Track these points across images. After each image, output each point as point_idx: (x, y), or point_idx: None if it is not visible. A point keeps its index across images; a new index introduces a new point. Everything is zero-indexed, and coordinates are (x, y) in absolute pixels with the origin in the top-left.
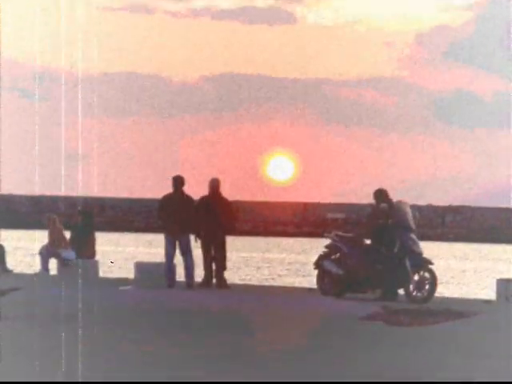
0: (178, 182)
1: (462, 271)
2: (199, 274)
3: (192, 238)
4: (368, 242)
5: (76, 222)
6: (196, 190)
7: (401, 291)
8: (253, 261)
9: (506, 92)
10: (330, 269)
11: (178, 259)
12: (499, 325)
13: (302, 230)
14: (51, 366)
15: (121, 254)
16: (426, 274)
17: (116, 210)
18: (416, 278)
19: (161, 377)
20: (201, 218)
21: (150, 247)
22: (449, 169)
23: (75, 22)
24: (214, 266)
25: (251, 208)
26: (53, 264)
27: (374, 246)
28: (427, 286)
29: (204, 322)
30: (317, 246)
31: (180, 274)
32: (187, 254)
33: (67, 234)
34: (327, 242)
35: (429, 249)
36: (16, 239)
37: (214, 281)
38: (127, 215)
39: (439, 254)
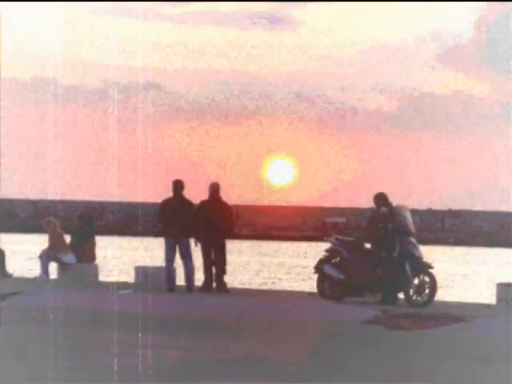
0: (178, 186)
1: (462, 275)
2: (199, 278)
3: (192, 241)
4: (368, 246)
5: (76, 226)
6: (196, 194)
7: (401, 295)
8: (253, 265)
9: (506, 96)
10: (330, 273)
11: (178, 263)
12: (499, 329)
13: (302, 233)
14: (51, 369)
15: (121, 258)
16: (426, 278)
17: (116, 215)
18: (416, 281)
19: (160, 381)
20: (201, 222)
21: (149, 251)
22: (448, 173)
23: (75, 25)
24: (213, 270)
25: (251, 212)
26: (53, 268)
27: (374, 250)
28: (427, 290)
29: (204, 325)
30: (317, 250)
31: (180, 278)
32: (187, 257)
33: (67, 239)
34: (327, 246)
35: (429, 253)
36: (16, 243)
37: (214, 285)
38: (127, 219)
39: (439, 258)
